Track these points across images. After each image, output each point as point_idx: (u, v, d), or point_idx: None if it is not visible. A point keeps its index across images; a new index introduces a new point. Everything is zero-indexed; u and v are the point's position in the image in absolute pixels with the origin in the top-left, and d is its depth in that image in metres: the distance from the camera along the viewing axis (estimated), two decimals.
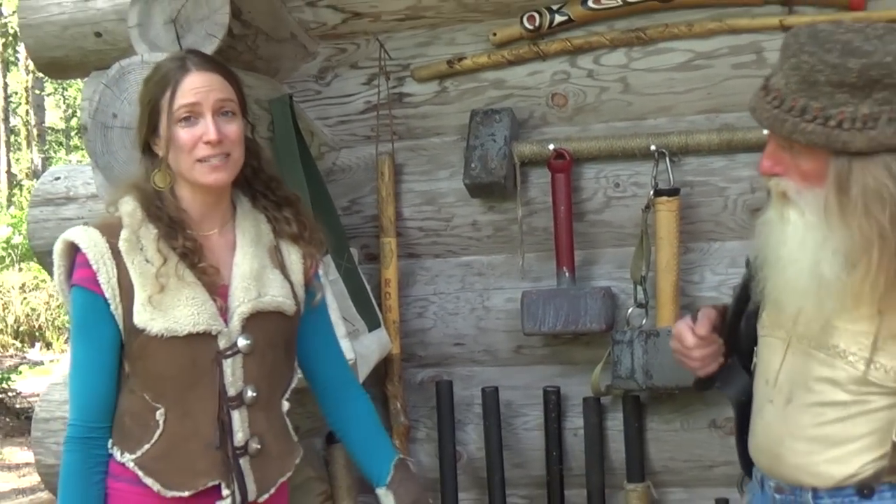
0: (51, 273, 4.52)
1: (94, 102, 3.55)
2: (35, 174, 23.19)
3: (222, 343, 2.82)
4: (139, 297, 2.76)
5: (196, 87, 2.81)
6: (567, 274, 4.04)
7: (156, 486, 2.78)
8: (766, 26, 3.87)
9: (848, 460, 2.57)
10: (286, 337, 2.99)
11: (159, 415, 2.80)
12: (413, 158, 4.34)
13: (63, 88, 26.04)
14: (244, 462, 2.86)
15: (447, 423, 4.20)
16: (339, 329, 3.80)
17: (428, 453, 4.34)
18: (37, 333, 19.04)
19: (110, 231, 2.80)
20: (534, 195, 4.18)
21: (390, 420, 4.28)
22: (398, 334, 4.28)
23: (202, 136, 2.79)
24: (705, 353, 2.83)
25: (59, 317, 18.83)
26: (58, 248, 2.85)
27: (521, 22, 4.07)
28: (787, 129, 2.44)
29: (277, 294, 2.92)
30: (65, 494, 2.82)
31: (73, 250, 2.82)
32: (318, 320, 3.11)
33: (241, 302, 2.85)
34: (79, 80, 4.07)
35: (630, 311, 4.02)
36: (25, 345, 18.62)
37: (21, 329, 18.43)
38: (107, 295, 2.77)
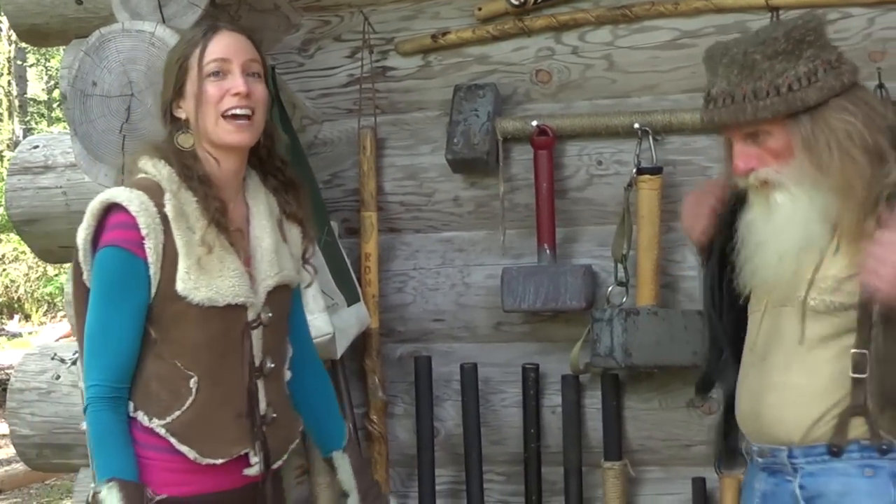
0: (29, 244, 4.51)
1: (74, 70, 3.52)
2: (16, 145, 23.09)
3: (251, 315, 2.89)
4: (183, 264, 2.79)
5: (227, 44, 2.88)
6: (548, 251, 4.03)
7: (192, 454, 2.81)
8: (752, 6, 3.87)
9: (812, 405, 2.71)
10: (289, 310, 3.09)
11: (192, 383, 2.83)
12: (395, 133, 4.32)
13: (45, 59, 25.88)
14: (265, 431, 2.93)
15: (425, 399, 4.19)
16: (319, 302, 3.80)
17: (406, 429, 4.34)
18: (16, 305, 19.01)
19: (155, 195, 2.82)
20: (516, 172, 4.17)
21: (368, 395, 4.27)
22: (377, 309, 4.26)
23: (230, 89, 2.84)
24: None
25: (38, 289, 18.79)
26: (95, 206, 2.83)
27: None
28: (749, 113, 2.65)
29: (290, 269, 3.03)
30: (102, 452, 2.78)
31: (110, 210, 2.81)
32: (295, 298, 3.18)
33: (268, 275, 2.94)
34: (61, 51, 4.03)
35: (610, 289, 4.01)
36: (4, 317, 18.60)
37: None
38: (150, 259, 2.77)
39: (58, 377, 4.18)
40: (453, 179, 4.23)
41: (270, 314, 2.93)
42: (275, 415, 2.95)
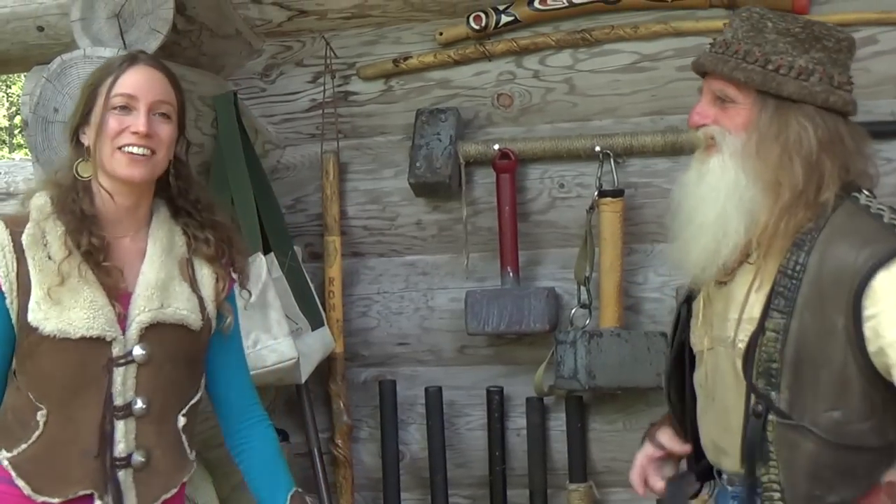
0: None
1: (36, 97, 3.52)
2: None
3: (116, 350, 2.75)
4: (35, 294, 2.70)
5: (138, 79, 2.78)
6: (511, 274, 4.04)
7: (26, 490, 2.72)
8: (711, 29, 3.88)
9: None
10: (190, 352, 2.89)
11: (41, 415, 2.73)
12: (358, 157, 4.32)
13: (7, 86, 25.74)
14: (125, 474, 2.77)
15: (390, 423, 4.19)
16: (283, 327, 3.79)
17: (371, 453, 4.33)
18: None
19: (16, 224, 2.75)
20: (478, 195, 4.18)
21: (333, 419, 4.26)
22: (342, 333, 4.26)
23: (130, 127, 2.74)
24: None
25: None
26: None
27: (468, 22, 4.07)
28: (728, 67, 2.61)
29: (182, 307, 2.83)
30: None
31: None
32: (226, 343, 3.00)
33: (142, 311, 2.78)
34: (22, 77, 4.02)
35: (574, 311, 4.02)
36: None
37: None
38: (3, 289, 2.72)
39: None
40: (416, 203, 4.24)
41: (146, 352, 2.76)
42: (143, 459, 2.78)
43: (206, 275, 2.92)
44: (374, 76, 4.24)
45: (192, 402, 2.91)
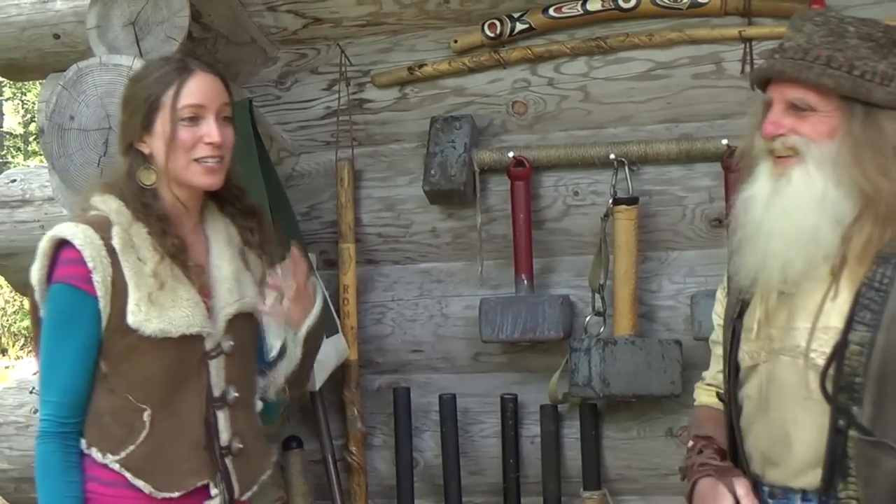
0: (6, 278, 4.49)
1: (52, 104, 3.53)
2: None
3: (209, 344, 2.87)
4: (133, 296, 2.77)
5: (203, 88, 2.86)
6: (525, 282, 4.04)
7: (147, 489, 2.80)
8: (726, 37, 3.89)
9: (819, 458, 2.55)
10: (255, 338, 3.06)
11: (146, 416, 2.81)
12: (373, 165, 4.33)
13: (22, 93, 25.83)
14: (229, 461, 2.90)
15: (404, 430, 4.19)
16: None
17: (385, 460, 4.33)
18: None
19: (102, 228, 2.80)
20: (493, 202, 4.18)
21: (347, 426, 4.26)
22: (356, 340, 4.26)
23: (203, 137, 2.82)
24: None
25: (15, 323, 18.67)
26: (44, 245, 2.82)
27: (483, 30, 4.08)
28: (814, 74, 2.52)
29: (253, 296, 2.98)
30: (44, 486, 2.80)
31: (60, 247, 2.80)
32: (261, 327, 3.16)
33: (227, 303, 2.91)
34: (37, 85, 4.04)
35: (588, 319, 4.02)
36: None
37: None
38: (98, 294, 2.76)
39: (35, 411, 4.14)
40: (430, 211, 4.25)
41: (232, 343, 2.90)
42: (241, 445, 2.92)
43: (255, 261, 3.05)
44: (388, 84, 4.25)
45: (259, 384, 3.08)
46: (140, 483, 2.79)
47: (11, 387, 4.27)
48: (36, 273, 2.83)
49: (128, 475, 2.79)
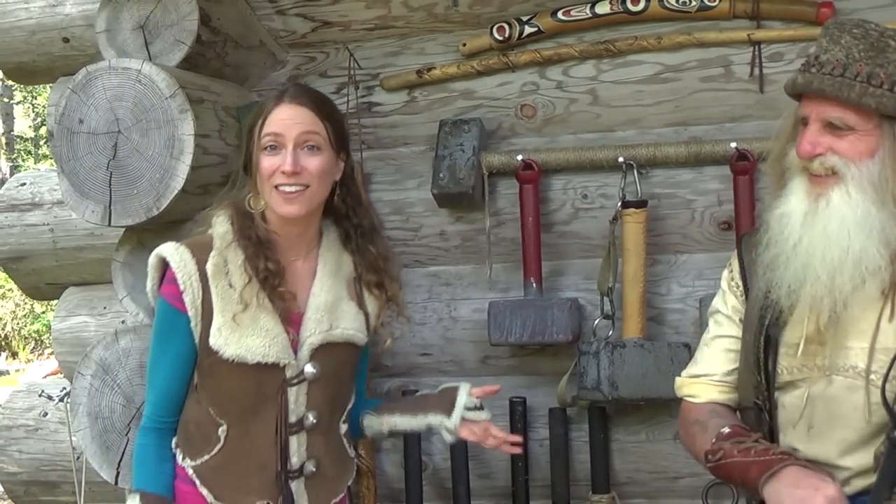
0: (16, 281, 4.51)
1: (61, 108, 3.54)
2: (3, 183, 22.98)
3: (289, 372, 2.98)
4: (217, 320, 2.91)
5: (283, 118, 2.95)
6: (534, 285, 4.04)
7: (209, 497, 2.97)
8: (734, 40, 3.89)
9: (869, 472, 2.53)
10: (352, 365, 3.17)
11: (221, 430, 2.98)
12: (381, 168, 4.33)
13: (32, 97, 25.89)
14: (297, 484, 3.02)
15: (413, 434, 4.18)
16: None
17: (394, 463, 4.33)
18: (3, 343, 18.91)
19: (201, 251, 2.95)
20: (502, 206, 4.18)
21: None
22: None
23: (280, 166, 2.91)
24: None
25: (25, 326, 18.71)
26: (151, 261, 3.00)
27: (491, 33, 4.07)
28: (856, 93, 2.45)
29: (349, 327, 3.08)
30: (139, 471, 3.02)
31: (164, 265, 2.96)
32: (364, 354, 3.30)
33: (312, 333, 3.01)
34: (47, 88, 4.05)
35: (597, 322, 4.01)
36: None
37: None
38: (189, 313, 2.92)
39: (45, 414, 4.17)
40: (439, 214, 4.25)
41: (317, 370, 2.99)
42: (314, 469, 3.03)
43: (371, 295, 3.15)
44: (397, 87, 4.25)
45: (349, 407, 3.19)
46: (204, 491, 2.97)
47: (21, 390, 4.28)
48: (148, 284, 3.03)
49: (196, 481, 2.97)
